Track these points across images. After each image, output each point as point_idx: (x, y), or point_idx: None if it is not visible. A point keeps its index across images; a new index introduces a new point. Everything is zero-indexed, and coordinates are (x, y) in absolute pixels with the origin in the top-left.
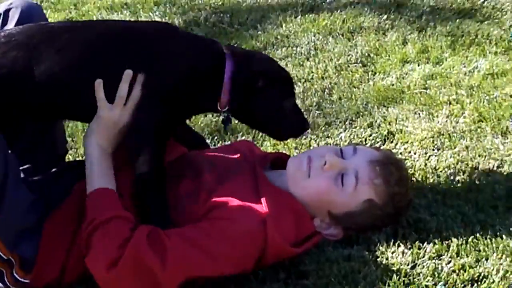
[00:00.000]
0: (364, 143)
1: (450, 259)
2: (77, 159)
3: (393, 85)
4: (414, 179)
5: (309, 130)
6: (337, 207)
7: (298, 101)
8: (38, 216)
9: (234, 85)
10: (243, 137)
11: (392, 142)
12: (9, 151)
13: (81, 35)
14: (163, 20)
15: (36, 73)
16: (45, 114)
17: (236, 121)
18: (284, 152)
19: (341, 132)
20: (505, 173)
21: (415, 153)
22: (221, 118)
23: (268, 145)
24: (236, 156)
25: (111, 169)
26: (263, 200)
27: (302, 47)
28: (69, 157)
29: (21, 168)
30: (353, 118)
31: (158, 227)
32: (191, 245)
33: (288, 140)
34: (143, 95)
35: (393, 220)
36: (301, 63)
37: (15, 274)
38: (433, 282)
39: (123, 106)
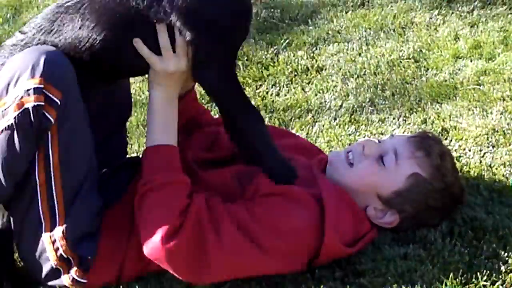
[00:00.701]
0: None
1: (507, 258)
2: (132, 155)
3: (446, 81)
4: (469, 176)
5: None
6: (384, 187)
7: (351, 97)
8: (99, 219)
9: None
10: None
11: (446, 139)
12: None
13: (97, 4)
14: None
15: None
16: (107, 75)
17: None
18: (337, 148)
19: (394, 129)
20: None
21: (469, 150)
22: None
23: (322, 141)
24: (296, 151)
25: (175, 120)
26: (323, 196)
27: (353, 43)
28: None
29: None
30: (407, 115)
31: (212, 200)
32: (246, 237)
33: (340, 137)
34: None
35: (447, 203)
36: (353, 58)
37: (73, 274)
38: (490, 282)
39: (174, 54)
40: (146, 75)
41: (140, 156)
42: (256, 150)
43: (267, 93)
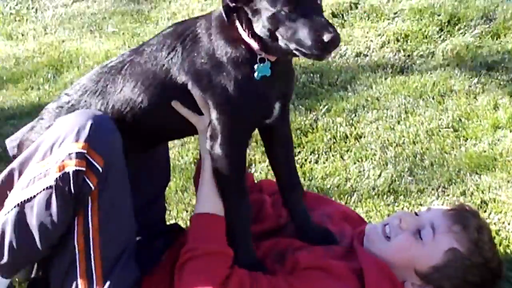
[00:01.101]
0: None
1: None
2: (171, 221)
3: (485, 151)
4: (509, 250)
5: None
6: (421, 262)
7: (390, 166)
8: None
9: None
10: None
11: (485, 211)
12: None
13: (141, 64)
14: None
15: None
16: (148, 138)
17: None
18: (375, 219)
19: (433, 200)
20: None
21: (509, 224)
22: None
23: (361, 211)
24: (342, 219)
25: (216, 190)
26: (364, 270)
27: (392, 110)
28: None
29: None
30: (446, 186)
31: (254, 273)
32: None
33: (379, 207)
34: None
35: (486, 275)
36: (392, 126)
37: None
38: None
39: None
40: (186, 139)
41: (177, 223)
42: (229, 232)
43: (305, 160)
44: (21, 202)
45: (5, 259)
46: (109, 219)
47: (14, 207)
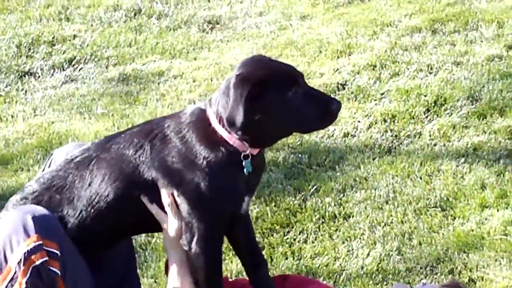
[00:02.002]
0: None
1: None
2: None
3: (473, 230)
4: None
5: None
6: None
7: (378, 245)
8: None
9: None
10: None
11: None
12: None
13: (109, 159)
14: None
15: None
16: (118, 232)
17: None
18: None
19: (422, 279)
20: None
21: None
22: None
23: None
24: None
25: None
26: None
27: (381, 190)
28: None
29: None
30: (434, 264)
31: None
32: None
33: (368, 286)
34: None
35: None
36: (380, 206)
37: None
38: None
39: (178, 211)
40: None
41: None
42: None
43: (294, 239)
44: None
45: None
46: None
47: None
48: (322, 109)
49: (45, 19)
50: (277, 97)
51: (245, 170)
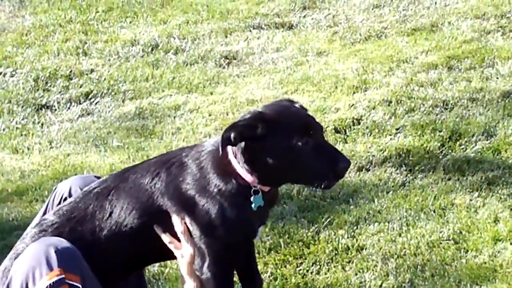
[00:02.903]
0: None
1: None
2: None
3: (485, 263)
4: None
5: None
6: None
7: (391, 277)
8: None
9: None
10: None
11: None
12: None
13: (128, 189)
14: None
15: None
16: (136, 262)
17: None
18: None
19: None
20: None
21: None
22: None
23: None
24: None
25: None
26: None
27: (394, 223)
28: None
29: None
30: None
31: None
32: None
33: None
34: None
35: None
36: (393, 238)
37: None
38: None
39: (188, 241)
40: None
41: None
42: None
43: (307, 271)
44: None
45: None
46: None
47: None
48: (329, 165)
49: (62, 53)
50: (282, 140)
51: (253, 204)
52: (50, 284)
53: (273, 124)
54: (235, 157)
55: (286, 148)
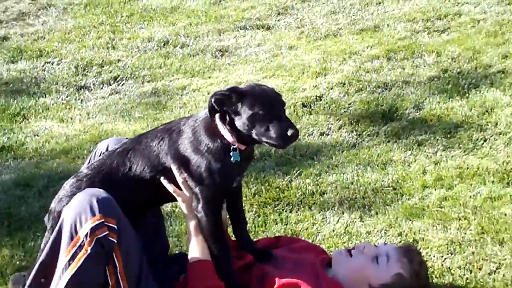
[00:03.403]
0: None
1: None
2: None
3: (416, 204)
4: (432, 276)
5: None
6: (375, 280)
7: (345, 215)
8: None
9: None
10: None
11: (416, 247)
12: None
13: (141, 150)
14: None
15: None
16: (152, 202)
17: None
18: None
19: (378, 239)
20: (502, 274)
21: (434, 256)
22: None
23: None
24: (301, 254)
25: (204, 241)
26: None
27: (347, 174)
28: (176, 251)
29: None
30: (387, 229)
31: None
32: None
33: (337, 245)
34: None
35: None
36: (347, 186)
37: None
38: None
39: (186, 187)
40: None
41: (182, 252)
42: (217, 268)
43: (282, 210)
44: (71, 276)
45: None
46: (128, 258)
47: (67, 282)
48: (281, 131)
49: (96, 47)
50: (248, 108)
51: (232, 158)
52: (92, 227)
53: (243, 95)
54: (222, 123)
55: (250, 115)
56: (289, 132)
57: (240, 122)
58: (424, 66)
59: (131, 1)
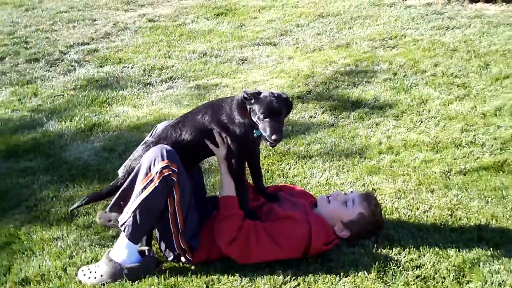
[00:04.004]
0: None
1: (403, 255)
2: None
3: (374, 165)
4: (385, 214)
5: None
6: (345, 218)
7: (327, 171)
8: (200, 227)
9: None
10: None
11: (376, 195)
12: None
13: (189, 122)
14: None
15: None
16: (195, 157)
17: None
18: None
19: (348, 188)
20: (433, 212)
21: (386, 200)
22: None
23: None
24: (297, 198)
25: (232, 181)
26: (311, 220)
27: (327, 144)
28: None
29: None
30: (355, 181)
31: (255, 222)
32: (271, 238)
33: (317, 187)
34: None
35: (375, 228)
36: (327, 152)
37: (187, 256)
38: (395, 265)
39: (224, 145)
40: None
41: (218, 195)
42: (239, 201)
43: (284, 168)
44: (143, 199)
45: (140, 231)
46: (183, 194)
47: (139, 203)
48: (269, 134)
49: (157, 57)
50: (257, 110)
51: (255, 134)
52: (161, 167)
53: (257, 100)
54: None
55: (255, 116)
56: (274, 137)
57: (253, 117)
58: (380, 71)
59: (181, 26)
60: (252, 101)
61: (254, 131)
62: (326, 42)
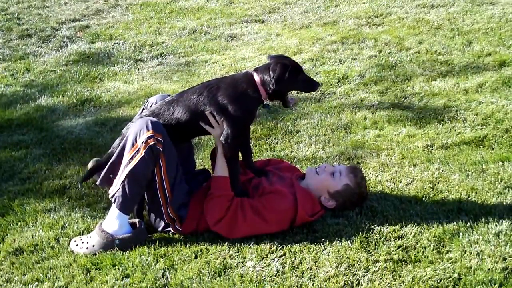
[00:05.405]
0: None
1: (385, 226)
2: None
3: (359, 140)
4: (370, 186)
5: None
6: (331, 188)
7: (313, 146)
8: (188, 197)
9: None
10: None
11: (362, 168)
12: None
13: (183, 101)
14: None
15: (178, 121)
16: (187, 135)
17: None
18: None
19: (334, 162)
20: (415, 185)
21: (370, 173)
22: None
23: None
24: (283, 172)
25: (225, 162)
26: (296, 192)
27: (314, 119)
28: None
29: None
30: (340, 155)
31: (242, 198)
32: (257, 214)
33: (308, 166)
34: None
35: (360, 200)
36: (314, 127)
37: (176, 226)
38: (379, 235)
39: (219, 126)
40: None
41: (207, 168)
42: (231, 180)
43: (271, 143)
44: (130, 170)
45: (129, 202)
46: (169, 163)
47: (127, 174)
48: (311, 85)
49: (148, 33)
50: (292, 78)
51: (264, 107)
52: (147, 137)
53: (290, 69)
54: (260, 82)
55: (293, 81)
56: (317, 86)
57: (285, 88)
58: (366, 48)
59: (172, 3)
60: (286, 73)
61: (262, 105)
62: (313, 20)
